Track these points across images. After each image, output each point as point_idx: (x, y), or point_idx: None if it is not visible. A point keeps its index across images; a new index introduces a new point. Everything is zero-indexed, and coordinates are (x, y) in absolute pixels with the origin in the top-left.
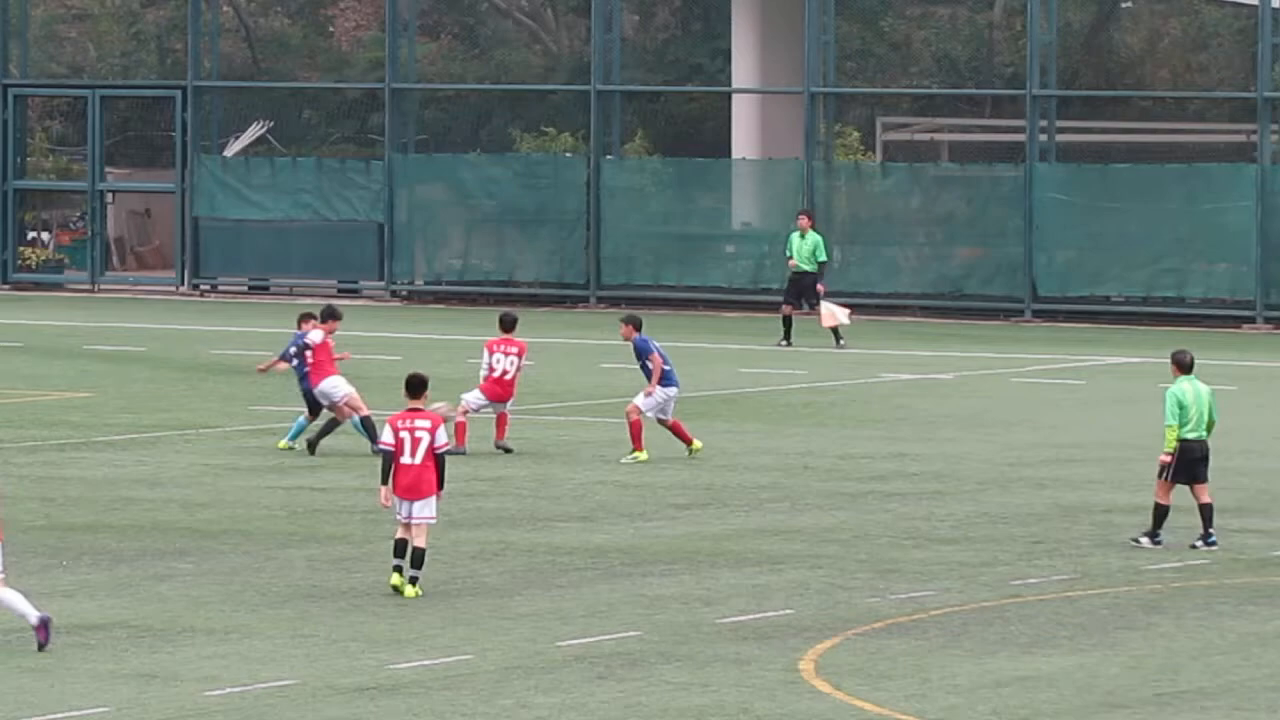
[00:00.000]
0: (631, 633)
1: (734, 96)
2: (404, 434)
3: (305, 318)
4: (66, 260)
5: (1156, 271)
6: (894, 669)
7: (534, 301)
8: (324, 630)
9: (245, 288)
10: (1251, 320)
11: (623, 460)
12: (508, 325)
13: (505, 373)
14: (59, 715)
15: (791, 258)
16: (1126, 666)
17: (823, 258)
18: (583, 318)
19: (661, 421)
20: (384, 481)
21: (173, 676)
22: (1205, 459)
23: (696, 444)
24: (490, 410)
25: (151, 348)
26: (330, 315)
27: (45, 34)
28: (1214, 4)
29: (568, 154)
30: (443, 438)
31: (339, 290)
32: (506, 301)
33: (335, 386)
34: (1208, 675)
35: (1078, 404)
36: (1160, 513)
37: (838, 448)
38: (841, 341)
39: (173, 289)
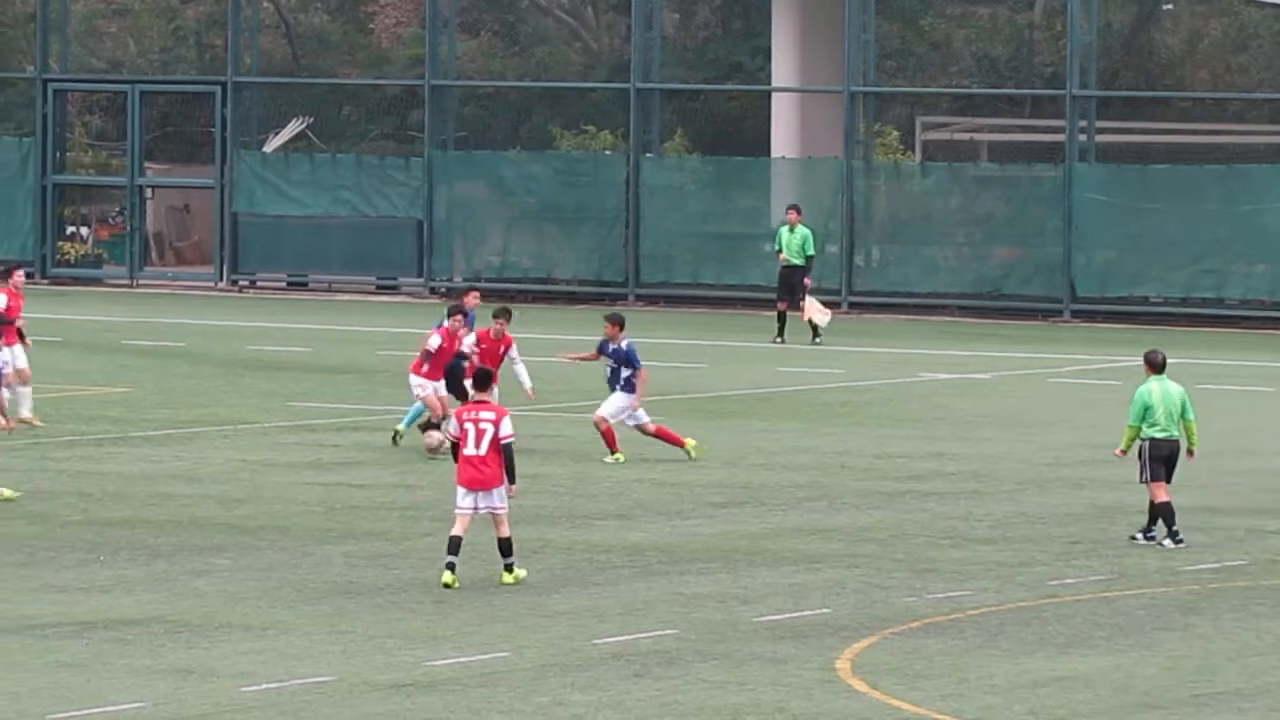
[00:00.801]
0: (668, 631)
1: (774, 95)
2: (469, 425)
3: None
4: (105, 255)
5: (1195, 272)
6: (931, 668)
7: (572, 299)
8: (361, 626)
9: (284, 284)
10: None
11: (605, 460)
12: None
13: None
14: (95, 710)
15: (781, 251)
16: (1163, 667)
17: (811, 251)
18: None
19: (642, 429)
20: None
21: (209, 672)
22: (1174, 457)
23: (691, 442)
24: None
25: (190, 343)
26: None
27: (85, 29)
28: (1254, 5)
29: (607, 152)
30: (508, 429)
31: (377, 287)
32: (546, 299)
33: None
34: (1245, 676)
35: (1116, 404)
36: (1164, 512)
37: (875, 447)
38: (818, 339)
39: (211, 284)
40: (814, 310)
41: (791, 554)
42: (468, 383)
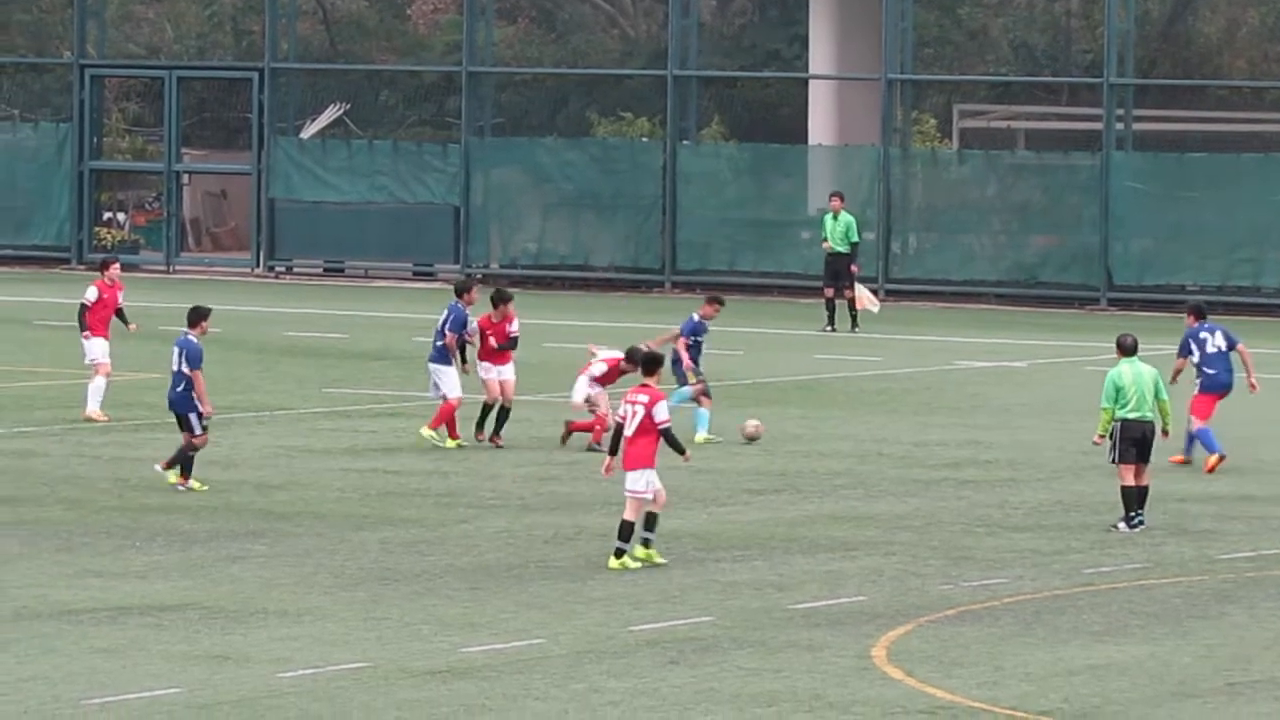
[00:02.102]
0: (704, 618)
1: (811, 83)
2: (627, 408)
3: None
4: (142, 241)
5: (1232, 261)
6: (966, 656)
7: (609, 286)
8: (396, 613)
9: (320, 270)
10: None
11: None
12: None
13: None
14: (131, 695)
15: (826, 240)
16: (1198, 656)
17: (855, 238)
18: (658, 302)
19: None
20: (612, 453)
21: (245, 658)
22: (1148, 439)
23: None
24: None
25: (226, 329)
26: None
27: (122, 14)
28: None
29: (644, 139)
30: (662, 413)
31: (414, 273)
32: (582, 285)
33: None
34: None
35: None
36: (1128, 496)
37: (912, 435)
38: (858, 328)
39: (248, 270)
40: (865, 298)
41: (828, 541)
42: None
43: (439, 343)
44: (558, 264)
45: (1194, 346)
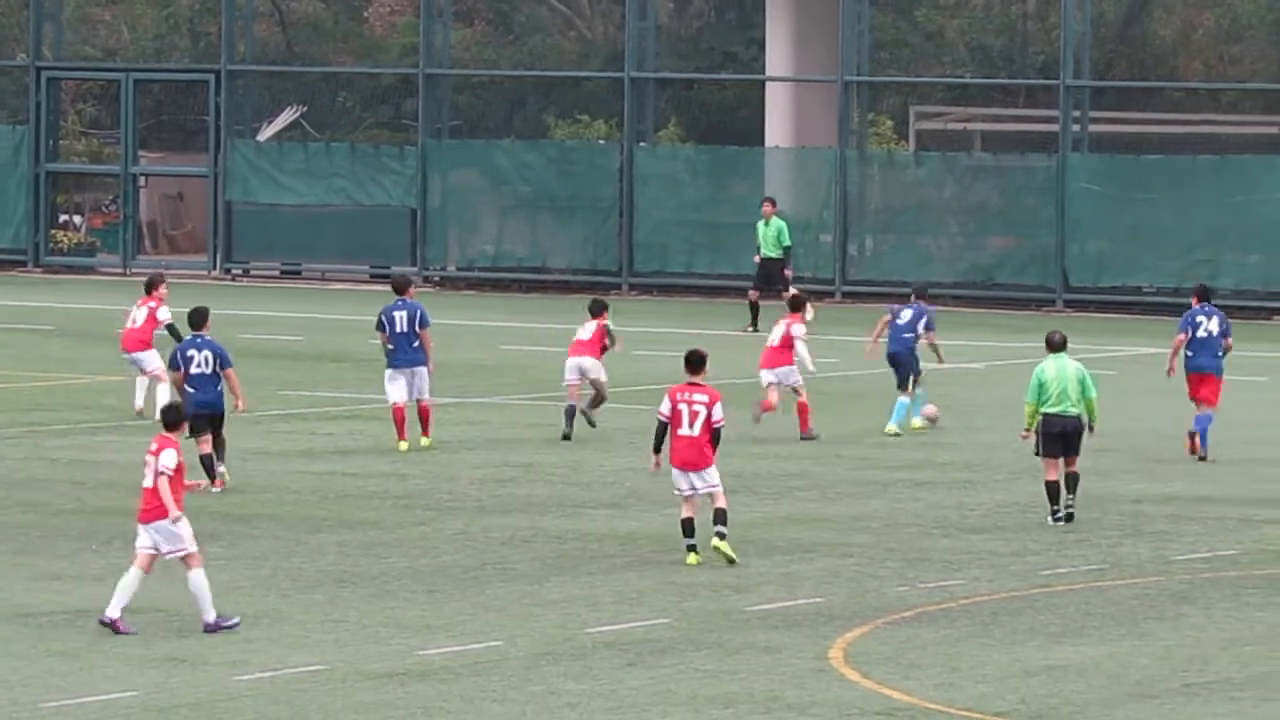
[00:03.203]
0: (661, 620)
1: (768, 85)
2: (682, 406)
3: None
4: (99, 244)
5: (1189, 262)
6: (923, 658)
7: (566, 288)
8: (354, 615)
9: (277, 272)
10: None
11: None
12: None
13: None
14: (88, 699)
15: (759, 251)
16: (1155, 657)
17: (787, 243)
18: (615, 304)
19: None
20: (656, 450)
21: (202, 661)
22: (1070, 433)
23: (419, 442)
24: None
25: (184, 332)
26: None
27: (79, 17)
28: None
29: (601, 141)
30: (719, 413)
31: (371, 276)
32: (540, 288)
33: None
34: (1236, 666)
35: (1109, 394)
36: (1050, 490)
37: (868, 436)
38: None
39: (205, 273)
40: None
41: (785, 543)
42: None
43: (415, 343)
44: (515, 266)
45: (1188, 327)
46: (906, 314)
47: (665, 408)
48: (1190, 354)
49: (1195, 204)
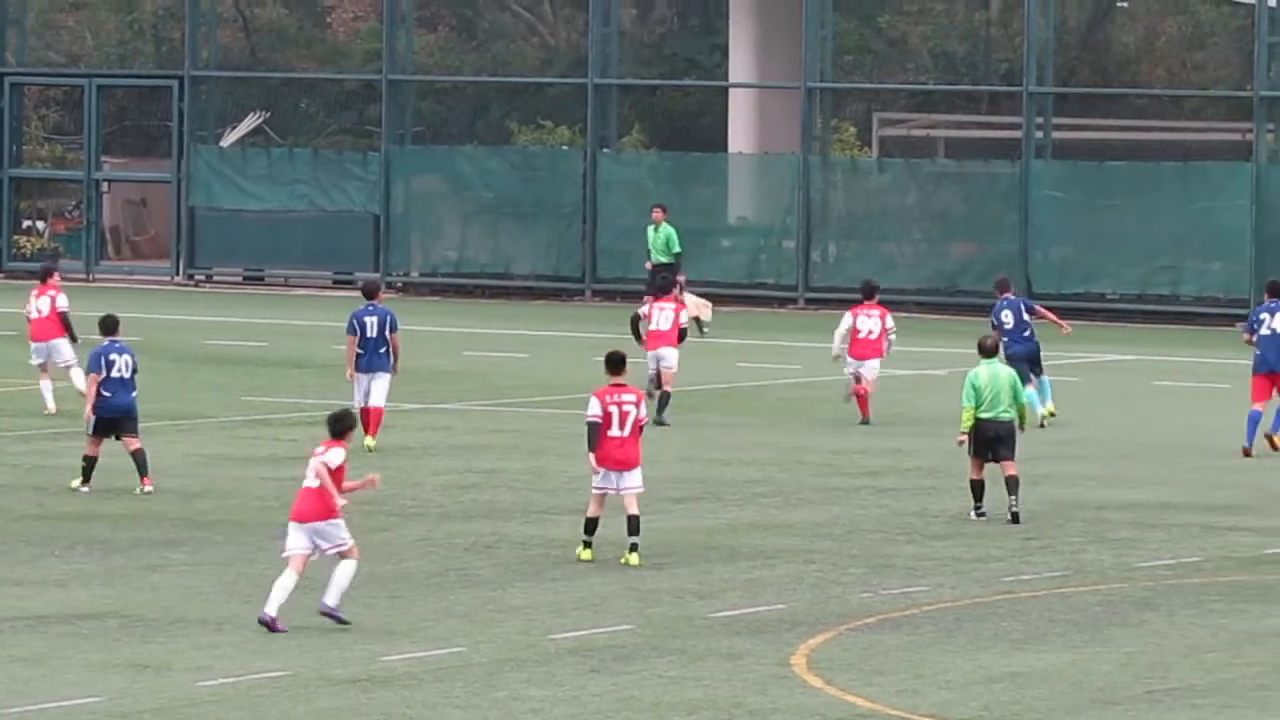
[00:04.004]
0: (624, 626)
1: (731, 91)
2: (612, 408)
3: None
4: (61, 249)
5: (1152, 269)
6: (886, 664)
7: (529, 294)
8: (317, 621)
9: (240, 278)
10: (1245, 319)
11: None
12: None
13: (870, 332)
14: (51, 705)
15: (649, 258)
16: (1118, 663)
17: (677, 249)
18: (578, 310)
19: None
20: (592, 450)
21: (165, 666)
22: (1002, 438)
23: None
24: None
25: (146, 337)
26: None
27: (42, 22)
28: (1211, 3)
29: (564, 147)
30: (643, 411)
31: (334, 281)
32: (503, 294)
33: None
34: (1199, 672)
35: (1072, 401)
36: (975, 488)
37: (831, 443)
38: (705, 330)
39: (168, 279)
40: (697, 305)
41: (748, 549)
42: None
43: (383, 349)
44: (478, 272)
45: (1254, 324)
46: (1008, 315)
47: (595, 409)
48: (1259, 352)
49: (1158, 210)
